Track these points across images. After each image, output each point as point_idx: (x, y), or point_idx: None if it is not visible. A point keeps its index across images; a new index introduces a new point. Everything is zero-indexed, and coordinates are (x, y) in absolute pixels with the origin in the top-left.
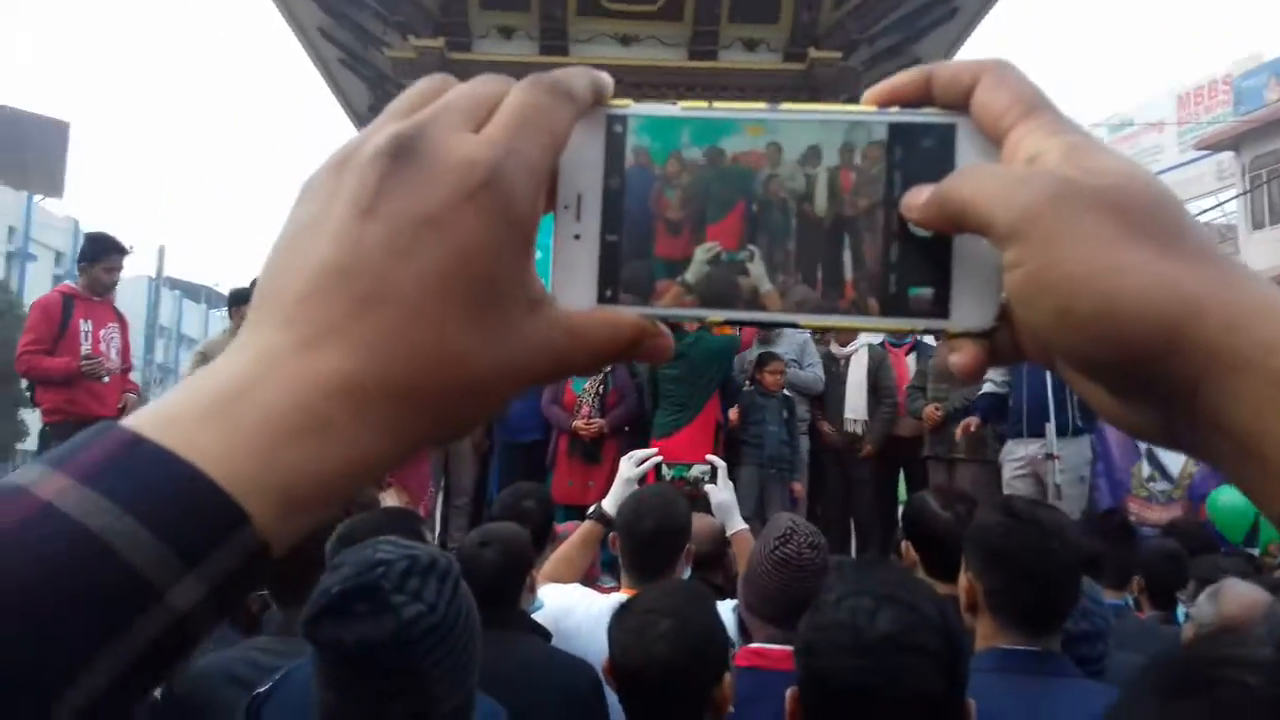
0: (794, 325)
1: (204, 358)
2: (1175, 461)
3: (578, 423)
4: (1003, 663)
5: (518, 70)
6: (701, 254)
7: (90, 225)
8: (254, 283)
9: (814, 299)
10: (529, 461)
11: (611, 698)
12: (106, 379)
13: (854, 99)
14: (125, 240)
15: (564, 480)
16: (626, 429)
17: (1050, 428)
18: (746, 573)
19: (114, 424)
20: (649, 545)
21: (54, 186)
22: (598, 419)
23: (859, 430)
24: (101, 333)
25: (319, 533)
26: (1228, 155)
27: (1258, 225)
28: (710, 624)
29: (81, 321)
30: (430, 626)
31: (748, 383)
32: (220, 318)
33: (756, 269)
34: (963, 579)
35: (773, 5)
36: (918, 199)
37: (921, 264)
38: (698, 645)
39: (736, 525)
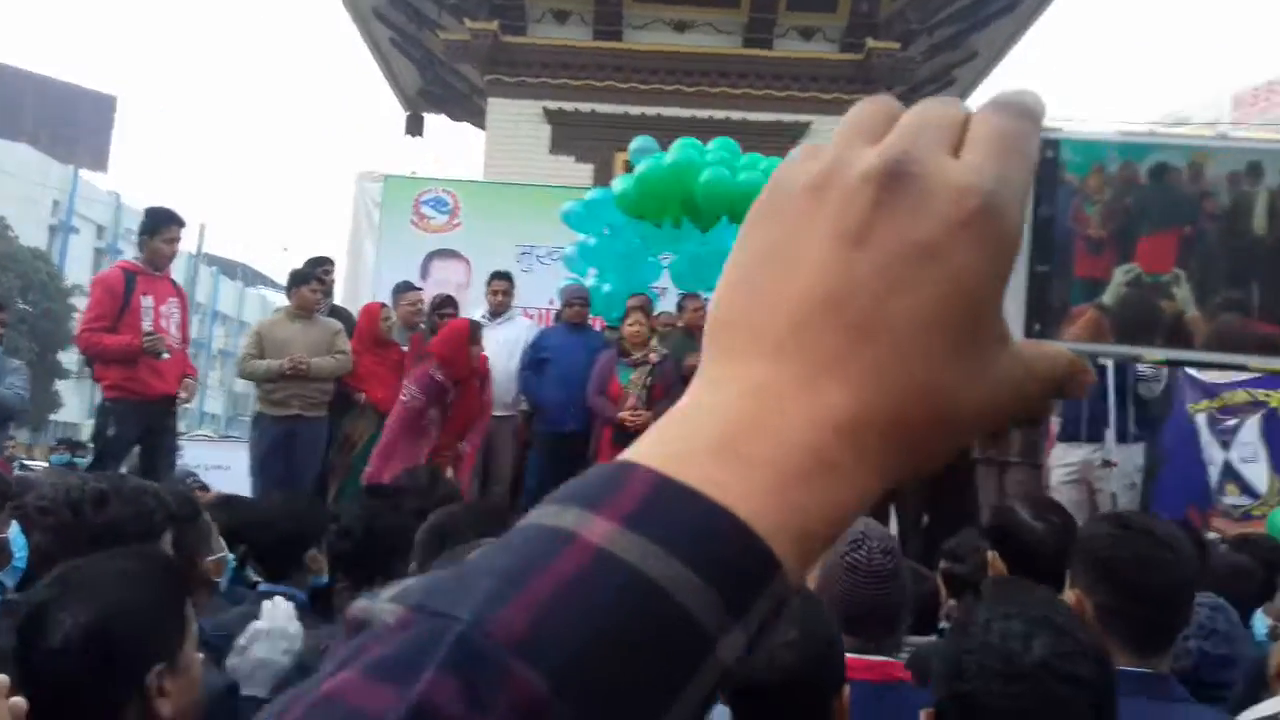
0: (1242, 368)
1: (260, 338)
2: (1261, 478)
3: (624, 414)
4: None
5: (571, 54)
6: (1121, 275)
7: (132, 200)
8: (312, 262)
9: (1247, 331)
10: (567, 453)
11: None
12: (167, 355)
13: (912, 90)
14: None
15: None
16: None
17: (1110, 434)
18: (820, 579)
19: (628, 462)
20: None
21: (99, 161)
22: (644, 410)
23: None
24: (162, 308)
25: (400, 522)
26: None
27: None
28: (831, 632)
29: (143, 298)
30: None
31: None
32: (255, 295)
33: (1183, 293)
34: (1070, 594)
35: None
36: None
37: None
38: (822, 653)
39: None
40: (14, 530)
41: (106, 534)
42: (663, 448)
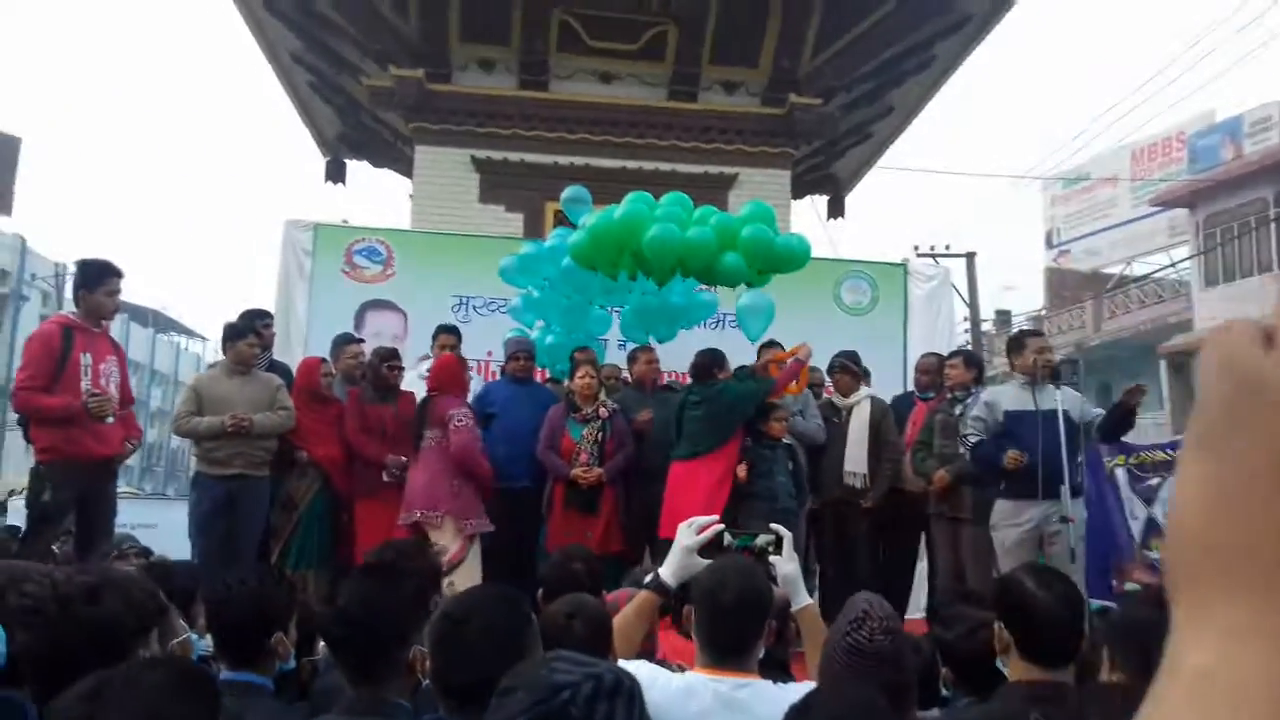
0: None
1: (197, 394)
2: None
3: (577, 470)
4: None
5: (498, 104)
6: None
7: (37, 244)
8: (249, 315)
9: None
10: (518, 509)
11: None
12: (112, 419)
13: (831, 144)
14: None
15: (560, 531)
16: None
17: (1065, 490)
18: (822, 660)
19: None
20: (731, 620)
21: (2, 204)
22: (596, 467)
23: (858, 484)
24: (101, 366)
25: (400, 604)
26: (1181, 212)
27: (1211, 283)
28: None
29: (82, 355)
30: None
31: (748, 438)
32: (166, 341)
33: None
34: (1113, 677)
35: (754, 50)
36: None
37: None
38: None
39: (803, 600)
40: None
41: (100, 632)
42: None
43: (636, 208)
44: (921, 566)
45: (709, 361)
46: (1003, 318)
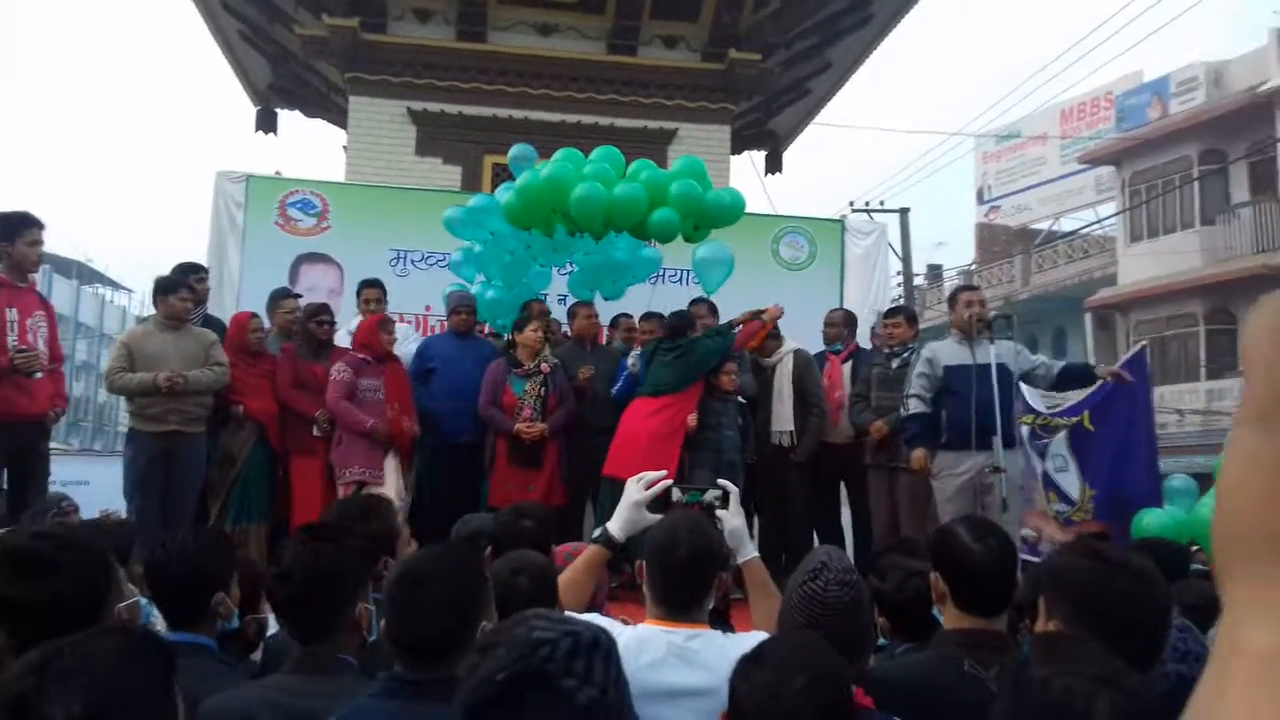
0: None
1: (128, 350)
2: (1073, 486)
3: (520, 425)
4: None
5: (435, 54)
6: None
7: None
8: (181, 269)
9: None
10: (460, 463)
11: None
12: (40, 374)
13: (770, 100)
14: None
15: (503, 485)
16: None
17: (997, 441)
18: (781, 608)
19: None
20: (684, 574)
21: None
22: (539, 422)
23: (785, 441)
24: (28, 322)
25: (344, 563)
26: (1108, 169)
27: (1135, 238)
28: (844, 673)
29: (7, 310)
30: (605, 711)
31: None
32: (91, 294)
33: None
34: (1048, 626)
35: (694, 4)
36: None
37: None
38: (838, 701)
39: (749, 553)
40: None
41: (53, 607)
42: None
43: (563, 166)
44: (845, 517)
45: (683, 323)
46: (934, 272)
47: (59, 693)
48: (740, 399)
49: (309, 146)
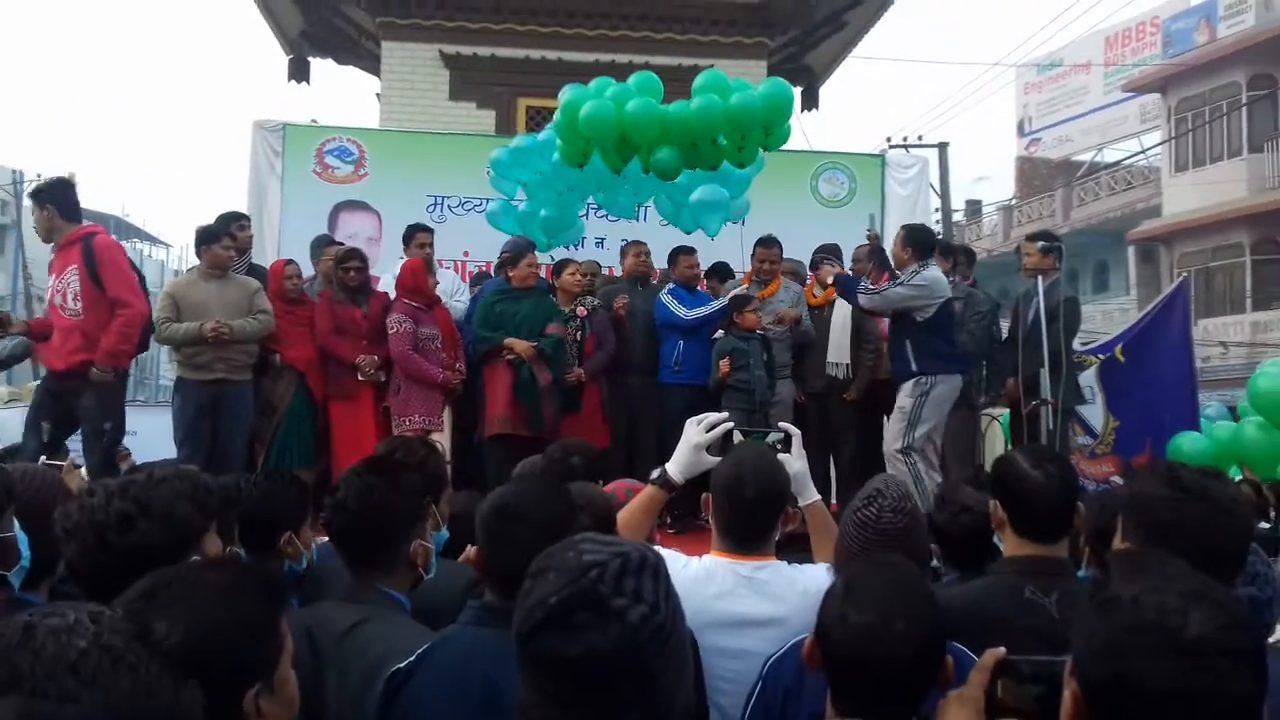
0: None
1: (173, 300)
2: (1097, 419)
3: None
4: None
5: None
6: None
7: None
8: (224, 219)
9: None
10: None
11: None
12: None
13: (806, 34)
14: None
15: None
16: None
17: (1044, 374)
18: (839, 535)
19: None
20: (751, 511)
21: None
22: (576, 367)
23: (839, 375)
24: (58, 282)
25: (398, 499)
26: (1153, 97)
27: (1180, 168)
28: (937, 610)
29: (52, 277)
30: (656, 627)
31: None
32: (129, 248)
33: None
34: (1120, 543)
35: None
36: None
37: None
38: (934, 640)
39: (811, 496)
40: (18, 528)
41: (135, 557)
42: None
43: (602, 104)
44: None
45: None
46: (973, 207)
47: (160, 621)
48: (760, 333)
49: (342, 96)
